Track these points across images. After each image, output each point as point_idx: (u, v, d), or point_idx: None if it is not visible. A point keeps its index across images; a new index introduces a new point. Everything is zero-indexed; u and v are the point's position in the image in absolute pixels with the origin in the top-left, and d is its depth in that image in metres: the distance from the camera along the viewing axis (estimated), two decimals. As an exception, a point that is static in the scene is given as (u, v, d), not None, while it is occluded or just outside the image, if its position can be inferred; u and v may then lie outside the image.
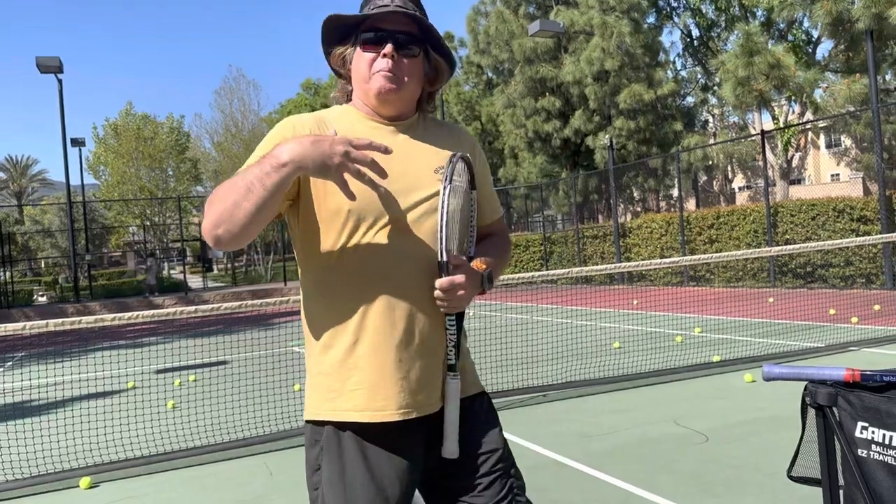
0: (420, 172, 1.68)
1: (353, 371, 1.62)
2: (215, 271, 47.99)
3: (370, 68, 1.67)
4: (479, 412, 1.77)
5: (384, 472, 1.63)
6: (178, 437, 5.70)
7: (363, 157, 1.47)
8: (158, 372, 9.69)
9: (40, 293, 33.24)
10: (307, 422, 1.71)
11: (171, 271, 42.81)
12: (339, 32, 1.74)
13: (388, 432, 1.63)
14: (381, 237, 1.62)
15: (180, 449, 5.26)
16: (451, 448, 1.67)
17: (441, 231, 1.62)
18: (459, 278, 1.62)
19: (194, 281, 35.72)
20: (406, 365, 1.63)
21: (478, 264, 1.71)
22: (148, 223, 38.65)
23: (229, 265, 42.49)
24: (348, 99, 1.79)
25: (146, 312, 5.05)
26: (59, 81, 24.20)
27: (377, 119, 1.73)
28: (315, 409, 1.67)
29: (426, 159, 1.71)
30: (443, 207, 1.62)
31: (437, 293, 1.63)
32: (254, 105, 51.58)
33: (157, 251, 28.07)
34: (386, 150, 1.51)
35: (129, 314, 5.00)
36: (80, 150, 30.59)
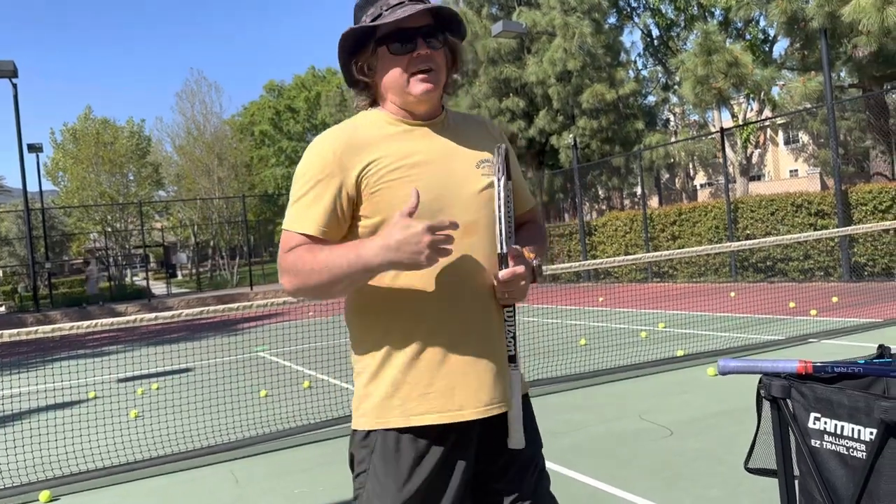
0: (465, 170, 1.69)
1: (425, 374, 1.62)
2: (179, 277, 47.33)
3: (405, 71, 1.65)
4: (526, 413, 1.80)
5: (441, 477, 1.63)
6: (142, 446, 5.60)
7: (447, 239, 1.50)
8: (121, 381, 9.52)
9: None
10: (356, 431, 1.69)
11: (134, 278, 42.10)
12: (353, 42, 1.69)
13: (449, 435, 1.63)
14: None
15: (143, 459, 5.17)
16: (517, 439, 1.68)
17: (500, 223, 1.64)
18: (520, 269, 1.64)
19: (158, 287, 35.19)
20: (479, 362, 1.65)
21: (528, 254, 1.72)
22: (109, 229, 37.99)
23: (194, 271, 41.90)
24: (373, 103, 1.76)
25: (105, 321, 4.96)
26: (14, 86, 23.66)
27: (410, 120, 1.71)
28: (375, 416, 1.64)
29: (466, 155, 1.71)
30: (499, 199, 1.64)
31: (498, 285, 1.65)
32: (216, 107, 51.07)
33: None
34: (454, 226, 1.51)
35: (88, 323, 4.91)
36: (37, 155, 29.93)
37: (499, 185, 1.63)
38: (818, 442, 1.60)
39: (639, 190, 23.86)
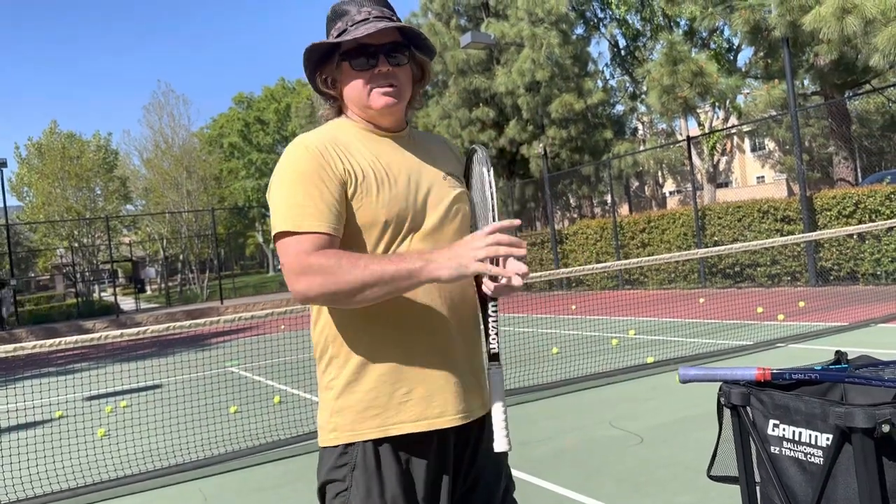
0: (433, 182, 1.71)
1: (402, 382, 1.61)
2: (148, 292, 46.68)
3: (366, 87, 1.66)
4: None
5: (424, 486, 1.61)
6: (108, 466, 5.50)
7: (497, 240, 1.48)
8: (88, 399, 9.34)
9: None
10: (328, 448, 1.64)
11: (102, 293, 41.46)
12: (319, 55, 1.70)
13: (430, 442, 1.62)
14: (417, 244, 1.64)
15: (111, 479, 5.08)
16: (502, 442, 1.59)
17: (493, 210, 1.64)
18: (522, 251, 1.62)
19: (126, 303, 34.68)
20: (457, 367, 1.66)
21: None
22: (76, 245, 37.38)
23: (163, 285, 41.39)
24: (337, 114, 1.77)
25: (69, 339, 4.87)
26: (-24, 100, 23.26)
27: (378, 132, 1.72)
28: (351, 429, 1.61)
29: (433, 166, 1.74)
30: (491, 187, 1.64)
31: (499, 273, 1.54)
32: (184, 120, 50.51)
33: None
34: (513, 225, 1.53)
35: (52, 341, 4.82)
36: (1, 171, 29.41)
37: (489, 176, 1.64)
38: (777, 448, 1.62)
39: (609, 198, 24.07)
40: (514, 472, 4.27)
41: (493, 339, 1.63)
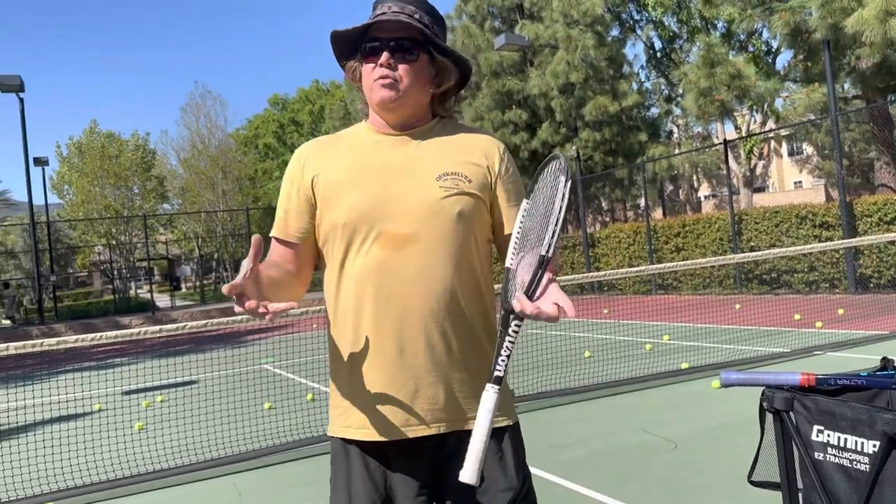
0: (420, 181, 1.63)
1: (356, 389, 1.64)
2: (183, 290, 47.35)
3: (368, 78, 1.68)
4: (507, 446, 1.66)
5: (386, 487, 1.63)
6: (146, 459, 5.60)
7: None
8: (126, 393, 9.52)
9: (3, 316, 32.50)
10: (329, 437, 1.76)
11: (138, 290, 42.18)
12: (347, 46, 1.72)
13: (392, 450, 1.63)
14: (375, 250, 1.60)
15: (147, 472, 5.17)
16: (467, 471, 1.37)
17: (557, 226, 1.42)
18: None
19: (162, 300, 35.23)
20: (406, 382, 1.59)
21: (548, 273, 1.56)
22: (114, 242, 38.09)
23: (198, 283, 41.96)
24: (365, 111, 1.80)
25: (110, 333, 4.97)
26: (21, 100, 23.83)
27: (386, 131, 1.71)
28: (331, 424, 1.71)
29: (429, 166, 1.65)
30: (562, 200, 1.42)
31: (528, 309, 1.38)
32: (220, 121, 51.18)
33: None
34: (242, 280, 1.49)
35: (93, 335, 4.92)
36: (43, 169, 30.09)
37: (565, 188, 1.42)
38: (821, 454, 1.60)
39: (642, 202, 23.86)
40: (545, 475, 4.28)
41: (503, 361, 1.41)
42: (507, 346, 1.41)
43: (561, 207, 1.43)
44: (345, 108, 41.68)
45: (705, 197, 45.02)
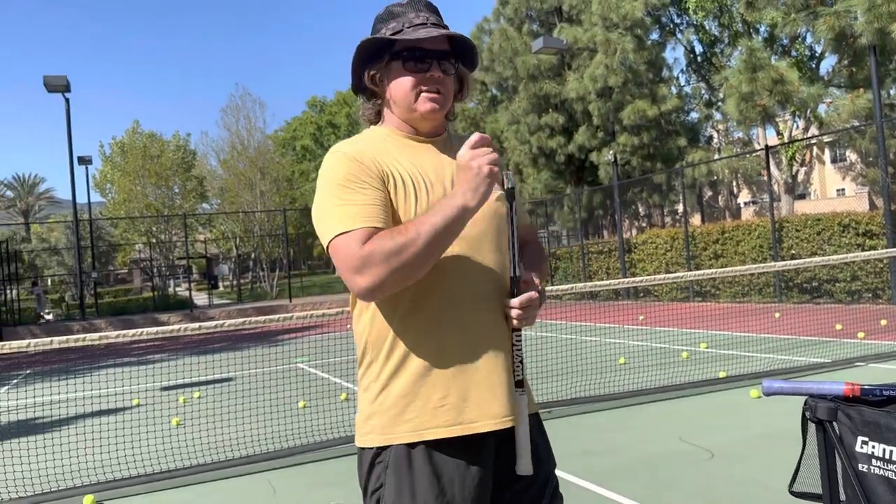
0: None
1: (437, 388, 1.62)
2: (220, 288, 48.04)
3: (414, 89, 1.69)
4: (538, 436, 1.79)
5: (457, 491, 1.61)
6: (182, 454, 5.69)
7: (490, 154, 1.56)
8: (163, 389, 9.68)
9: (47, 311, 33.31)
10: (364, 449, 1.69)
11: (177, 288, 42.89)
12: (370, 52, 1.74)
13: (463, 449, 1.62)
14: (456, 249, 1.63)
15: (184, 467, 5.25)
16: (525, 465, 1.65)
17: (514, 247, 1.68)
18: (534, 294, 1.68)
19: (200, 298, 35.77)
20: (491, 374, 1.65)
21: (536, 280, 1.74)
22: (154, 241, 38.79)
23: (235, 282, 42.55)
24: (376, 114, 1.80)
25: (150, 329, 5.07)
26: (67, 101, 24.40)
27: (414, 136, 1.75)
28: (386, 431, 1.64)
29: None
30: (513, 223, 1.69)
31: (514, 311, 1.65)
32: (259, 123, 51.85)
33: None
34: (487, 140, 1.59)
35: (133, 331, 5.02)
36: (86, 168, 30.77)
37: (511, 211, 1.64)
38: (865, 466, 1.57)
39: (680, 207, 23.57)
40: (578, 481, 4.26)
41: (518, 366, 1.68)
42: (516, 355, 1.68)
43: (512, 230, 1.68)
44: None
45: (745, 203, 44.32)
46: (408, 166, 1.68)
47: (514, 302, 1.65)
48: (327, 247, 1.61)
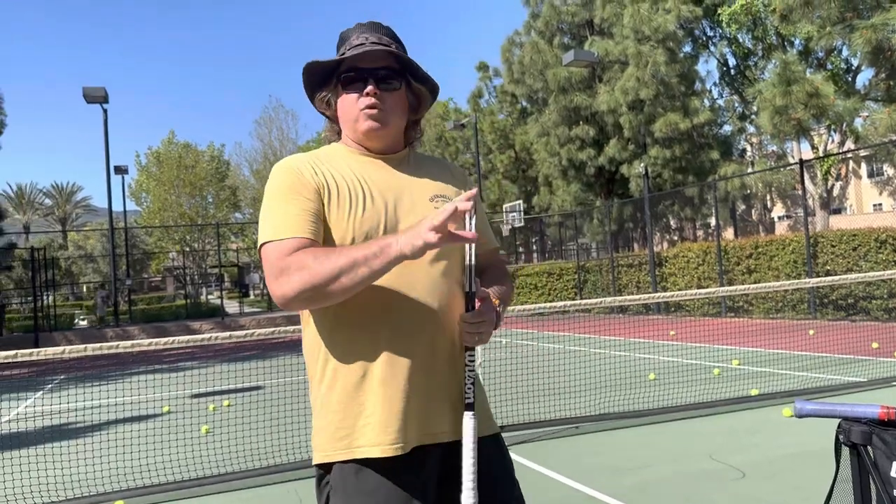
0: (416, 202, 1.72)
1: (364, 406, 1.60)
2: (251, 297, 48.50)
3: (355, 108, 1.71)
4: (494, 457, 1.73)
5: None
6: (211, 462, 5.74)
7: (443, 226, 1.47)
8: (194, 396, 9.79)
9: (81, 317, 33.90)
10: (317, 465, 1.67)
11: (209, 296, 43.40)
12: (320, 76, 1.77)
13: (398, 467, 1.60)
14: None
15: (213, 475, 5.30)
16: (467, 497, 1.58)
17: (470, 263, 1.66)
18: (489, 311, 1.66)
19: (231, 306, 36.16)
20: (417, 396, 1.62)
21: (494, 299, 1.73)
22: (187, 249, 39.36)
23: (265, 291, 42.89)
24: (337, 135, 1.82)
25: (182, 338, 5.13)
26: (105, 111, 24.91)
27: (368, 154, 1.76)
28: (324, 450, 1.64)
29: (420, 189, 1.75)
30: (469, 247, 1.67)
31: (466, 325, 1.64)
32: (291, 134, 52.42)
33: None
34: (466, 210, 1.49)
35: (166, 339, 5.09)
36: (122, 177, 31.37)
37: (470, 224, 1.60)
38: (901, 493, 1.53)
39: (713, 221, 23.30)
40: (605, 498, 4.21)
41: (469, 388, 1.64)
42: (468, 376, 1.65)
43: (470, 247, 1.66)
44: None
45: (779, 218, 43.70)
46: (349, 176, 1.69)
47: (466, 316, 1.63)
48: (259, 252, 1.65)
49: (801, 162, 16.78)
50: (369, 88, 1.69)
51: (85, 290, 49.00)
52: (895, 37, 13.78)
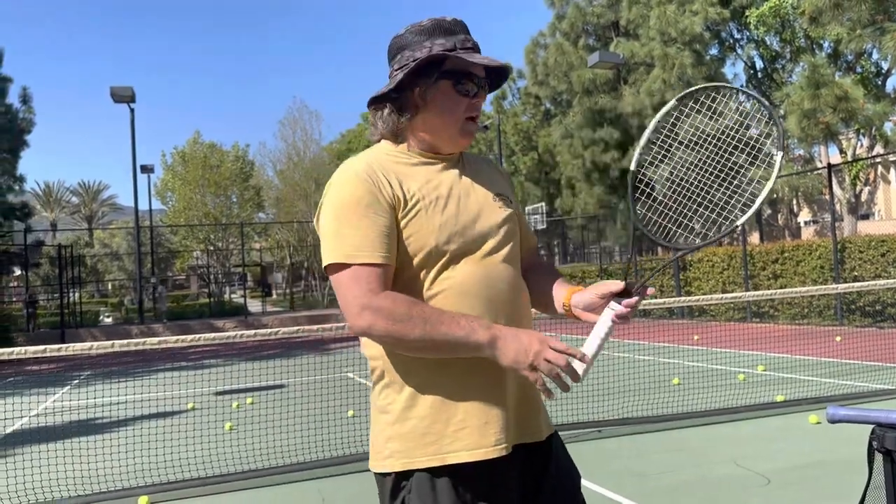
0: (482, 203, 1.71)
1: (458, 410, 1.59)
2: (274, 296, 48.84)
3: (460, 113, 1.68)
4: (562, 455, 1.78)
5: None
6: (235, 459, 5.79)
7: (557, 361, 1.48)
8: (218, 394, 9.87)
9: (106, 314, 34.33)
10: (384, 474, 1.64)
11: (233, 295, 43.76)
12: (422, 65, 1.66)
13: (488, 471, 1.59)
14: (469, 268, 1.63)
15: (236, 472, 5.34)
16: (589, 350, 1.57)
17: (633, 253, 1.74)
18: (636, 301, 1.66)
19: (253, 305, 36.42)
20: (514, 394, 1.65)
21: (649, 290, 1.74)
22: (211, 248, 39.68)
23: (288, 291, 43.22)
24: (397, 131, 1.71)
25: (207, 335, 5.18)
26: (132, 110, 25.21)
27: (428, 157, 1.72)
28: (407, 455, 1.60)
29: (482, 189, 1.74)
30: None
31: (622, 310, 1.63)
32: (315, 135, 52.67)
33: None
34: (583, 358, 1.52)
35: (192, 336, 5.13)
36: (148, 176, 31.67)
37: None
38: (937, 501, 1.50)
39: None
40: (629, 502, 4.17)
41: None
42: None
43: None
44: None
45: (805, 223, 43.13)
46: (421, 183, 1.65)
47: (631, 302, 1.63)
48: (326, 269, 1.61)
49: (830, 166, 16.56)
50: (481, 99, 1.70)
51: (110, 287, 49.59)
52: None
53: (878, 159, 31.86)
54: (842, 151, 22.00)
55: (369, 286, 1.54)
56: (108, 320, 32.58)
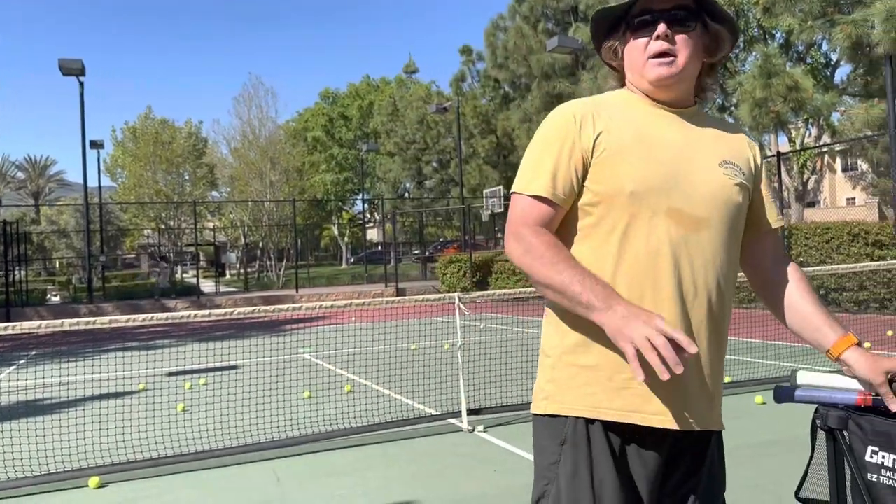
0: (705, 164, 1.61)
1: (625, 368, 1.50)
2: (227, 276, 48.17)
3: (643, 54, 1.59)
4: (717, 457, 1.71)
5: (631, 474, 1.57)
6: (187, 440, 5.73)
7: (654, 339, 1.35)
8: (169, 374, 9.73)
9: (53, 293, 33.47)
10: (544, 415, 1.61)
11: (184, 275, 43.05)
12: (607, 25, 1.67)
13: (641, 438, 1.56)
14: (668, 226, 1.54)
15: (189, 452, 5.29)
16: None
17: None
18: None
19: (206, 285, 35.89)
20: (691, 371, 1.54)
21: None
22: (163, 227, 38.92)
23: (242, 271, 42.68)
24: (621, 85, 1.72)
25: (160, 315, 5.10)
26: (81, 84, 24.48)
27: (657, 105, 1.64)
28: (562, 401, 1.57)
29: (711, 150, 1.64)
30: None
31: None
32: (271, 112, 51.98)
33: (170, 255, 28.53)
34: (690, 355, 1.36)
35: (144, 316, 5.05)
36: (98, 152, 30.88)
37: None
38: (875, 476, 1.58)
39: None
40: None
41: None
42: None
43: None
44: (393, 104, 41.91)
45: (754, 209, 44.14)
46: (634, 127, 1.60)
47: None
48: (512, 193, 1.66)
49: (779, 155, 16.97)
50: (660, 30, 1.54)
51: (58, 265, 48.34)
52: (875, 33, 13.94)
53: (825, 149, 32.74)
54: (791, 140, 22.55)
55: (525, 217, 1.58)
56: (56, 299, 31.76)
